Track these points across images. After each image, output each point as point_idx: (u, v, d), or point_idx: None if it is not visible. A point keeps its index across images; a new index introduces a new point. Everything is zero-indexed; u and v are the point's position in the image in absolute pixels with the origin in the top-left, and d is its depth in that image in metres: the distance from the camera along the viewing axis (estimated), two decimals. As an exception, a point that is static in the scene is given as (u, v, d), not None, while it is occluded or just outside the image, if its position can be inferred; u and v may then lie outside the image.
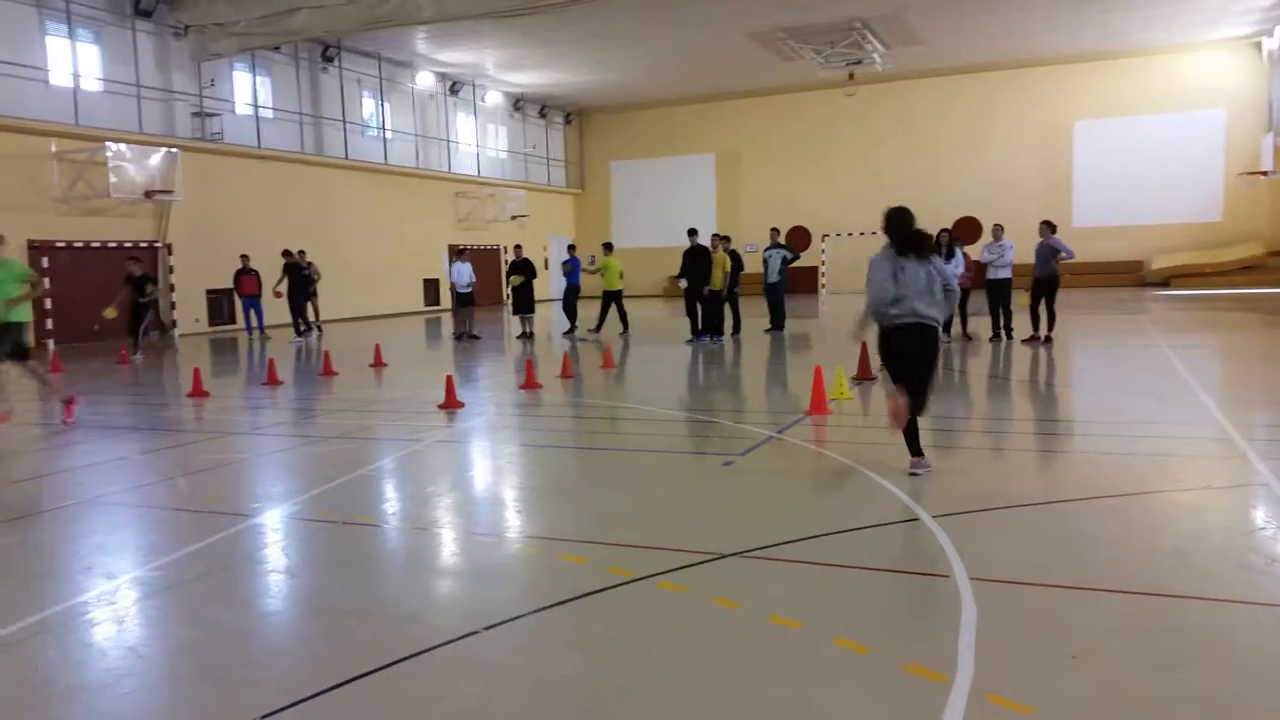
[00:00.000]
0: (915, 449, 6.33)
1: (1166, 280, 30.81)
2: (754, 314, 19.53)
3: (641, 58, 30.95)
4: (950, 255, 14.26)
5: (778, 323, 17.86)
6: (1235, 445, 6.98)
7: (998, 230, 15.15)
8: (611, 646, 3.72)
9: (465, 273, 19.88)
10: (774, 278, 17.80)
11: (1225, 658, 3.45)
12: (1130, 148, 32.67)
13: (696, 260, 16.61)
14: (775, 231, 18.80)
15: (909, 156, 35.45)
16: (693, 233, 17.33)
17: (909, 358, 6.28)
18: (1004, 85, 33.99)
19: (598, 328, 19.02)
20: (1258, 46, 30.75)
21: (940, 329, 6.43)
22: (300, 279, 20.87)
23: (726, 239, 17.72)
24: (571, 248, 21.44)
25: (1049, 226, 14.80)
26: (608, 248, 20.00)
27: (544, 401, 10.64)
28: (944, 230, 15.15)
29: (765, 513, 5.68)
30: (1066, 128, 33.63)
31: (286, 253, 21.10)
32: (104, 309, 16.89)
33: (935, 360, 6.46)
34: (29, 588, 4.64)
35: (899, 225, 6.44)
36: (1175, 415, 8.33)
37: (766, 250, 18.03)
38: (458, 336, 19.50)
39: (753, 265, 22.91)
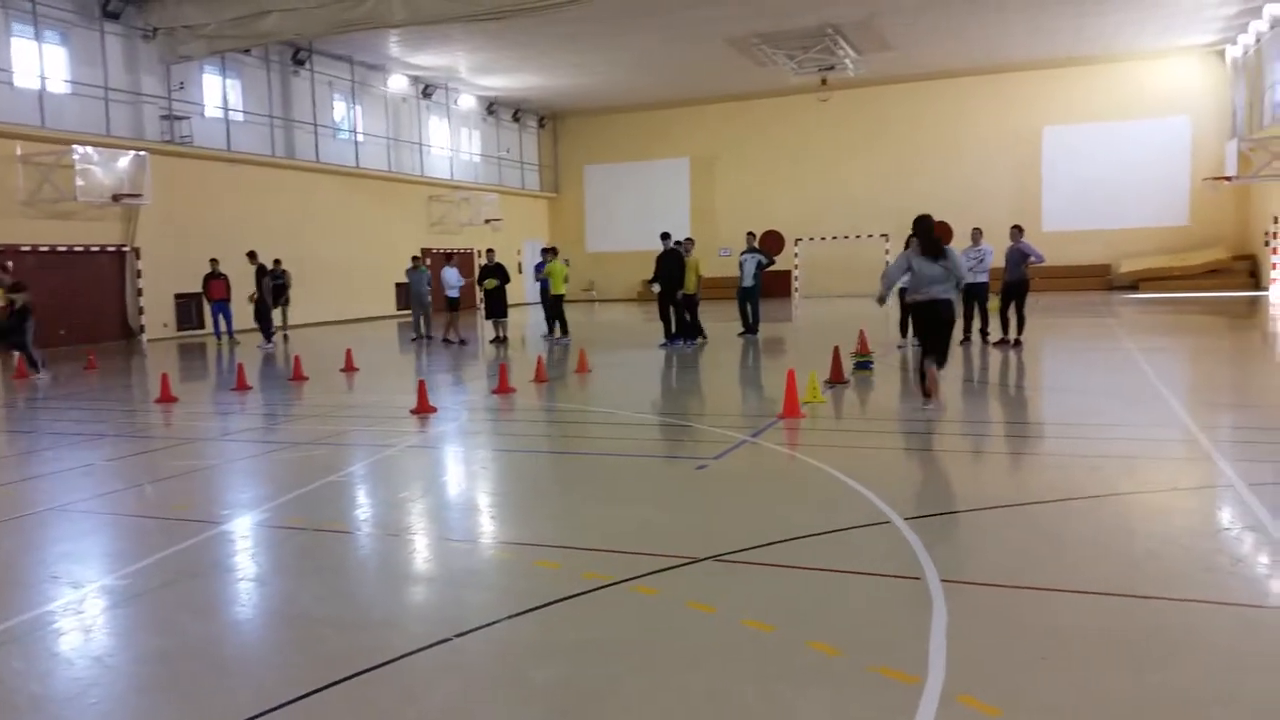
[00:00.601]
0: (930, 392, 8.96)
1: (1134, 284, 31.24)
2: (729, 318, 19.59)
3: (616, 62, 30.99)
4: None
5: (751, 327, 17.91)
6: (1201, 447, 7.08)
7: (977, 234, 15.26)
8: (586, 652, 3.71)
9: (454, 277, 19.82)
10: (748, 282, 17.83)
11: (1194, 658, 3.50)
12: (1098, 153, 33.11)
13: (670, 264, 16.57)
14: (751, 235, 18.86)
15: (881, 161, 35.74)
16: (665, 236, 17.32)
17: (928, 322, 8.87)
18: (974, 91, 34.35)
19: (563, 334, 19.20)
20: (1221, 54, 31.28)
21: (951, 303, 8.85)
22: (274, 286, 20.64)
23: (690, 242, 17.68)
24: (552, 251, 21.40)
25: (1019, 230, 14.97)
26: (553, 252, 20.21)
27: (517, 406, 10.61)
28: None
29: (738, 516, 5.69)
30: (1036, 133, 34.02)
31: (252, 254, 20.68)
32: None
33: (949, 325, 8.90)
34: (-7, 597, 4.56)
35: (924, 233, 8.88)
36: (1143, 418, 8.44)
37: (742, 254, 18.03)
38: (445, 341, 19.40)
39: (728, 269, 22.97)
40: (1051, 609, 3.98)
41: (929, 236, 8.82)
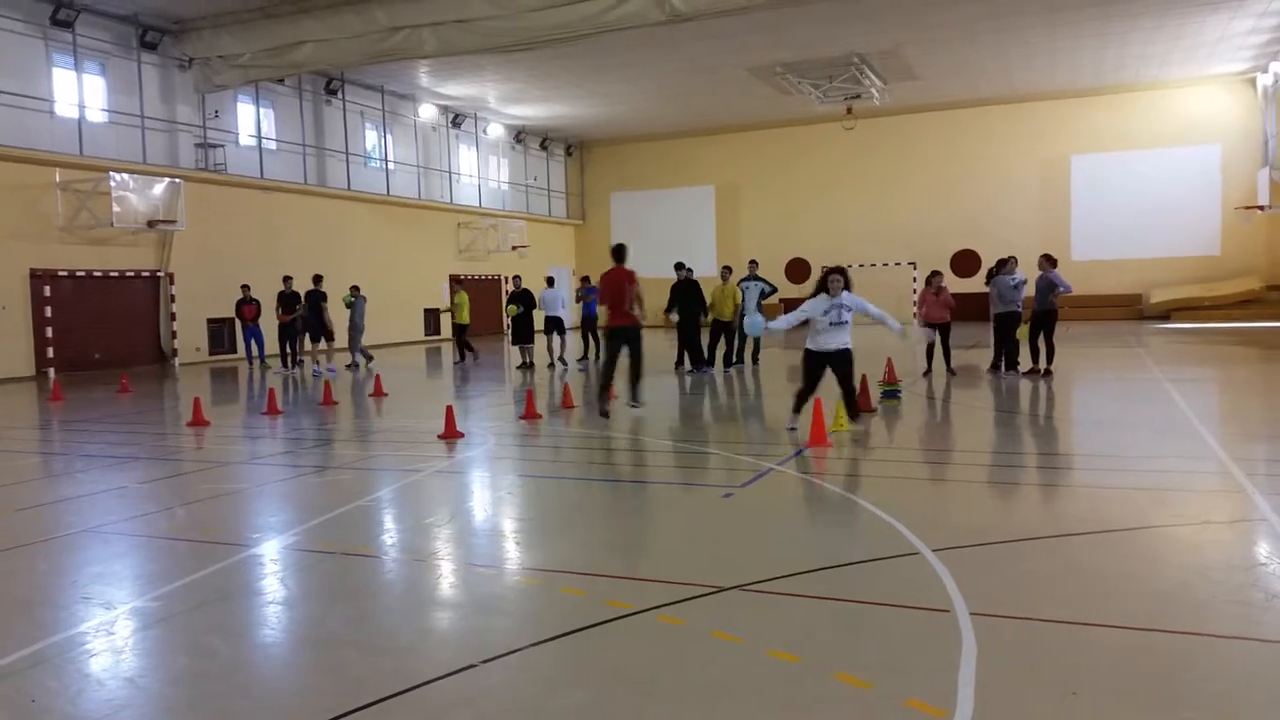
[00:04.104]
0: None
1: (1166, 314, 30.90)
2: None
3: (641, 92, 31.25)
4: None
5: (743, 357, 17.79)
6: (1235, 480, 6.98)
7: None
8: (611, 680, 3.70)
9: (554, 298, 20.32)
10: (749, 310, 17.75)
11: (1227, 694, 3.44)
12: (1128, 182, 32.89)
13: (685, 293, 16.84)
14: (754, 264, 18.72)
15: (907, 189, 35.70)
16: (680, 266, 17.59)
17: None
18: (1001, 119, 34.27)
19: (472, 357, 21.02)
20: (1252, 82, 31.05)
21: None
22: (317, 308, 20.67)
23: (728, 270, 17.81)
24: (585, 279, 21.64)
25: (1049, 260, 14.89)
26: (458, 284, 21.70)
27: (544, 432, 10.64)
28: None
29: (764, 546, 5.67)
30: (1064, 161, 33.86)
31: (287, 279, 20.98)
32: None
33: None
34: (28, 617, 4.62)
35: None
36: (1175, 449, 8.33)
37: (742, 282, 17.87)
38: (550, 365, 19.79)
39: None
40: (1082, 643, 3.93)
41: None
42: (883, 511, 6.16)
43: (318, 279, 20.81)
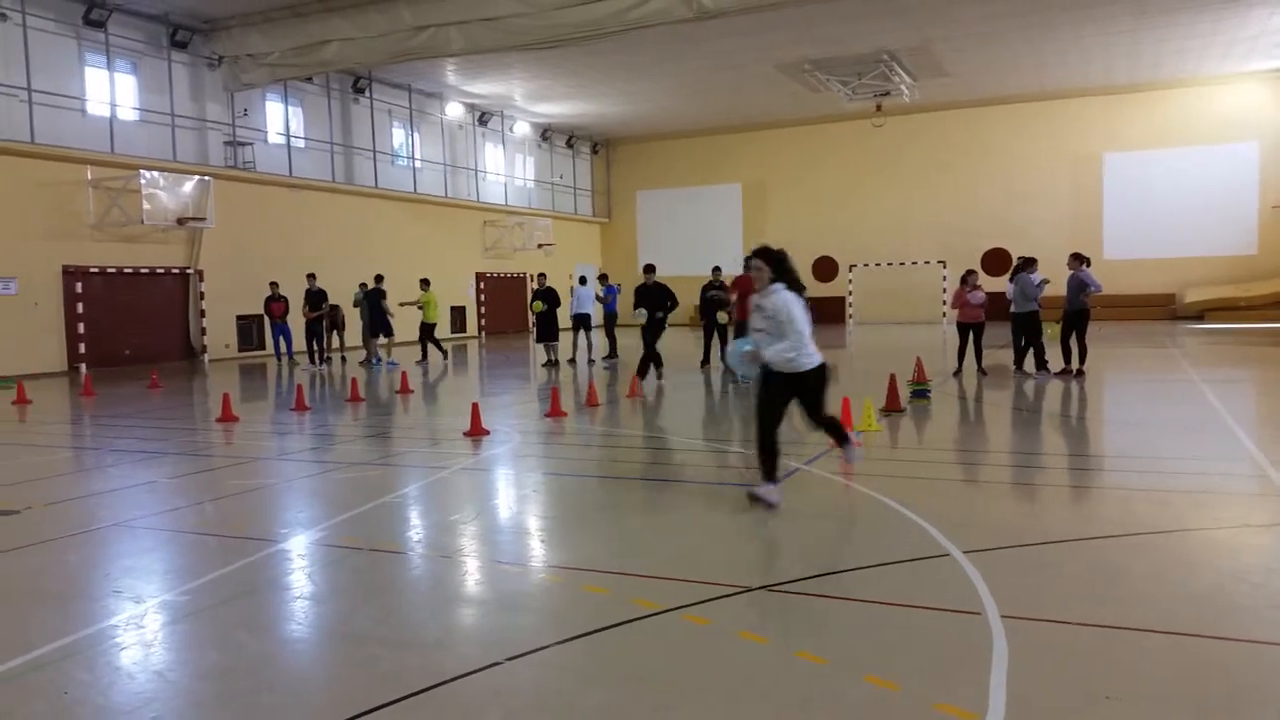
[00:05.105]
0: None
1: (1200, 314, 30.47)
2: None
3: (668, 90, 31.19)
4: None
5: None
6: (1273, 483, 6.86)
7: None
8: (635, 679, 3.68)
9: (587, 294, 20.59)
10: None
11: (1267, 701, 3.37)
12: (1162, 180, 32.45)
13: (651, 296, 15.97)
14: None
15: (937, 187, 35.43)
16: (649, 269, 16.83)
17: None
18: (1033, 116, 33.91)
19: (441, 355, 21.33)
20: (1290, 79, 30.57)
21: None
22: (373, 305, 21.02)
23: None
24: (604, 277, 21.62)
25: (1079, 259, 14.68)
26: (425, 284, 21.48)
27: (569, 430, 10.63)
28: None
29: (792, 546, 5.63)
30: (1097, 159, 33.47)
31: (311, 277, 21.22)
32: None
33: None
34: (60, 610, 4.67)
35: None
36: (1211, 451, 8.20)
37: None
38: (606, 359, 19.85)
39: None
40: (1115, 647, 3.86)
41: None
42: (912, 512, 6.10)
43: (379, 278, 21.28)
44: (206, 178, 22.48)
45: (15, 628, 4.42)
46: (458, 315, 32.35)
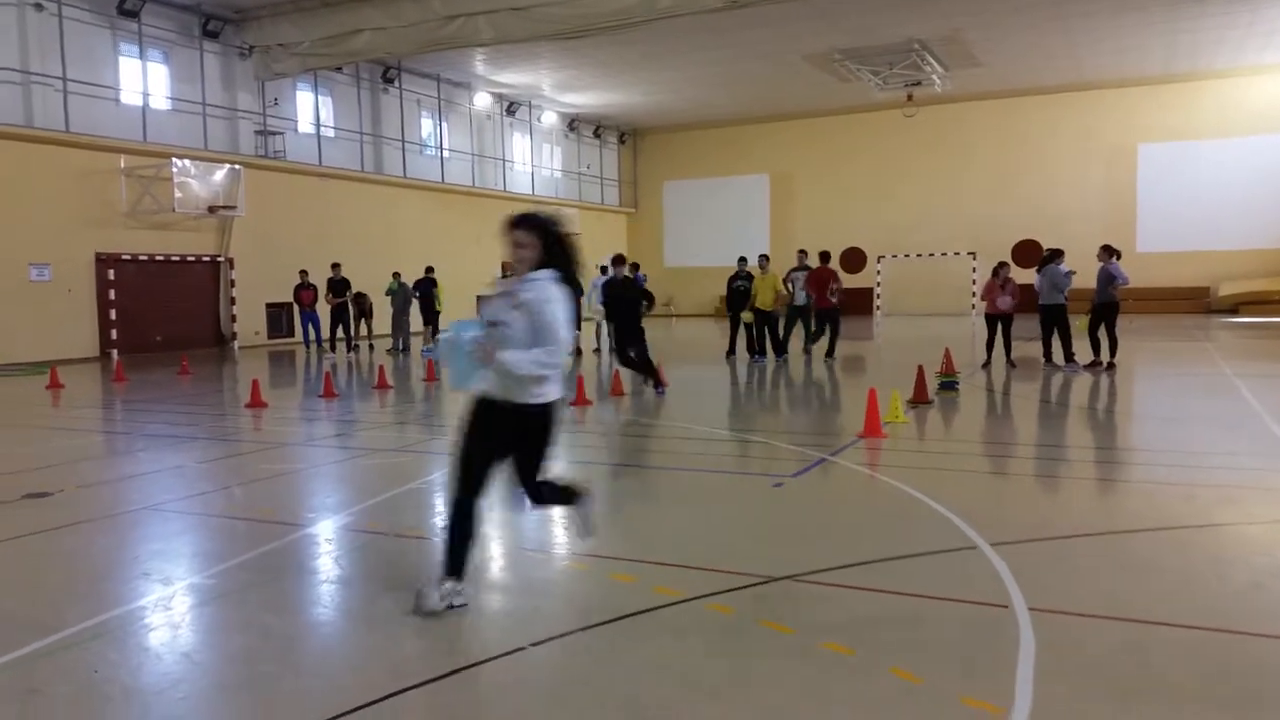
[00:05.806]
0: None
1: (1234, 307, 30.01)
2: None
3: (696, 79, 31.06)
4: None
5: (787, 347, 17.13)
6: (1308, 478, 6.74)
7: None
8: (658, 667, 3.67)
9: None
10: (799, 300, 17.52)
11: (1300, 699, 3.31)
12: (1197, 172, 31.94)
13: (619, 291, 13.20)
14: (802, 254, 18.43)
15: (968, 178, 35.09)
16: (623, 263, 13.89)
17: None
18: (1066, 107, 33.47)
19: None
20: (1331, 69, 29.97)
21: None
22: (407, 296, 21.72)
23: (765, 259, 17.12)
24: (635, 266, 21.56)
25: (1109, 252, 14.49)
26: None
27: (591, 419, 10.64)
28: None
29: (816, 536, 5.60)
30: (1131, 151, 33.00)
31: (335, 266, 21.56)
32: None
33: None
34: (91, 591, 4.73)
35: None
36: (1243, 445, 8.07)
37: (791, 272, 17.65)
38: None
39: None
40: (1146, 642, 3.81)
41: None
42: (938, 504, 6.04)
43: (429, 269, 22.00)
44: (237, 166, 22.66)
45: (48, 607, 4.49)
46: (482, 305, 32.44)
